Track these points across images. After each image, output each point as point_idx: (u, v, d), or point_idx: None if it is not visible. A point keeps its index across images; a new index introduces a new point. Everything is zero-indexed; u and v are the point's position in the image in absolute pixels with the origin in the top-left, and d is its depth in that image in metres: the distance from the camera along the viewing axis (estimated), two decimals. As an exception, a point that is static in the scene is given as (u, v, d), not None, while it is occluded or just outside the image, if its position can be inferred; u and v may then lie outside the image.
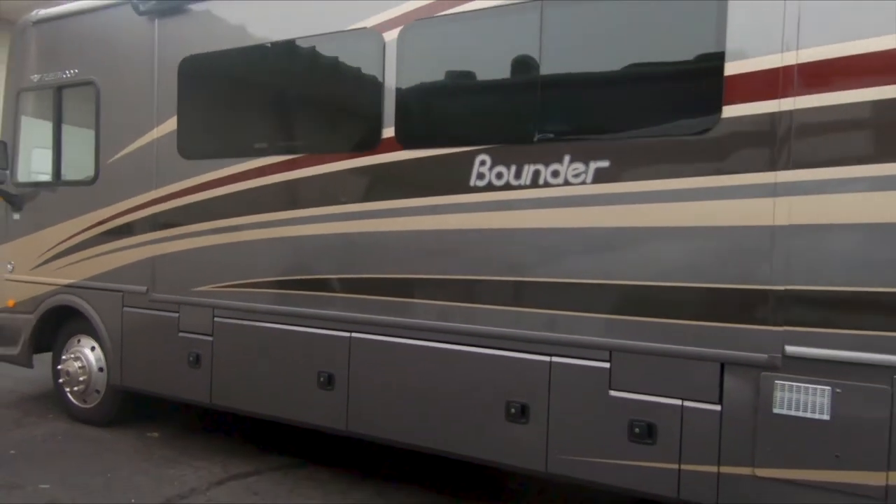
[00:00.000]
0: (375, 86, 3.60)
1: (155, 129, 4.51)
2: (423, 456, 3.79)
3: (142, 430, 5.07)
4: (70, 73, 4.99)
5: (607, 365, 3.03)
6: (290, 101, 4.04)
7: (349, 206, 3.70)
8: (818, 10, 2.59)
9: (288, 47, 3.92)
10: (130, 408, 5.14)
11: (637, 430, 2.95)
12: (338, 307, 3.77)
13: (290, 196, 3.92)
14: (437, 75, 3.53)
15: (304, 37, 3.86)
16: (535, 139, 3.17)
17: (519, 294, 3.23)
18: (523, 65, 3.21)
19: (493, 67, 3.38)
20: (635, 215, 2.94)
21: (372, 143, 3.61)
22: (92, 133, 4.87)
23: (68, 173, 5.17)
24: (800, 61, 2.61)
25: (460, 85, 3.49)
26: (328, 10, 3.77)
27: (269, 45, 4.00)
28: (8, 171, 5.26)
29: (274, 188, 3.97)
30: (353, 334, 3.73)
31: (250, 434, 4.90)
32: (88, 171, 4.92)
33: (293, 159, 3.90)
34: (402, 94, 3.52)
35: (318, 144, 3.87)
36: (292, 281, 3.93)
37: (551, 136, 3.14)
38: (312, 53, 3.87)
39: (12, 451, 4.54)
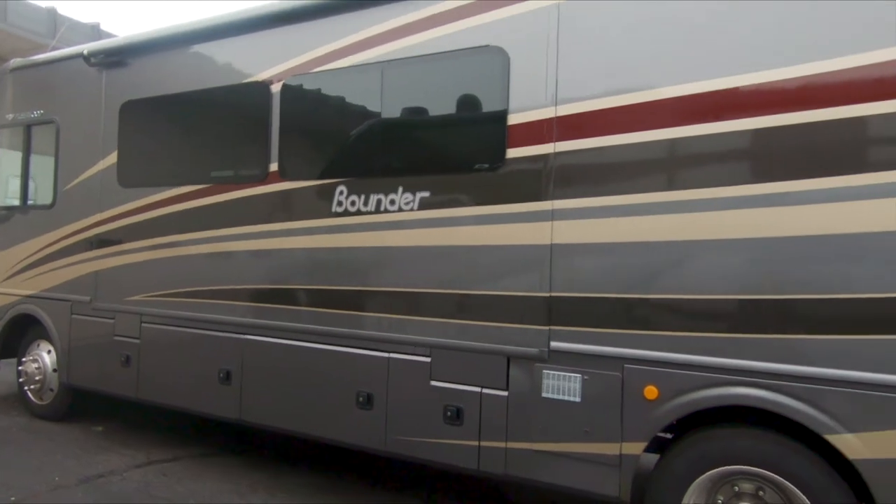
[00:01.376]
0: (265, 128, 4.33)
1: (101, 162, 5.29)
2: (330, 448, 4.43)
3: (89, 424, 5.76)
4: (37, 113, 5.82)
5: (429, 360, 3.67)
6: (201, 139, 4.79)
7: (245, 227, 4.41)
8: (569, 77, 3.27)
9: (201, 96, 4.70)
10: (81, 405, 5.85)
11: (449, 413, 3.57)
12: (234, 313, 4.46)
13: (201, 219, 4.64)
14: (307, 120, 4.27)
15: (213, 87, 4.63)
16: (378, 173, 3.88)
17: (365, 301, 3.89)
18: (368, 113, 3.94)
19: (347, 115, 4.11)
20: (449, 236, 3.60)
21: (262, 175, 4.34)
22: (52, 164, 5.70)
23: (34, 198, 5.98)
24: (558, 115, 3.29)
25: (324, 128, 4.23)
26: (231, 66, 4.55)
27: (186, 93, 4.78)
28: (-17, 198, 6.11)
29: (188, 213, 4.70)
30: (246, 336, 4.41)
31: (192, 428, 5.54)
32: (49, 197, 5.73)
33: (204, 188, 4.64)
34: (283, 135, 4.25)
35: (223, 176, 4.61)
36: (199, 291, 4.63)
37: (390, 171, 3.85)
38: (219, 101, 4.64)
39: (-31, 439, 5.27)
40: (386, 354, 3.83)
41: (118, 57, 5.17)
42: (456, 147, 3.71)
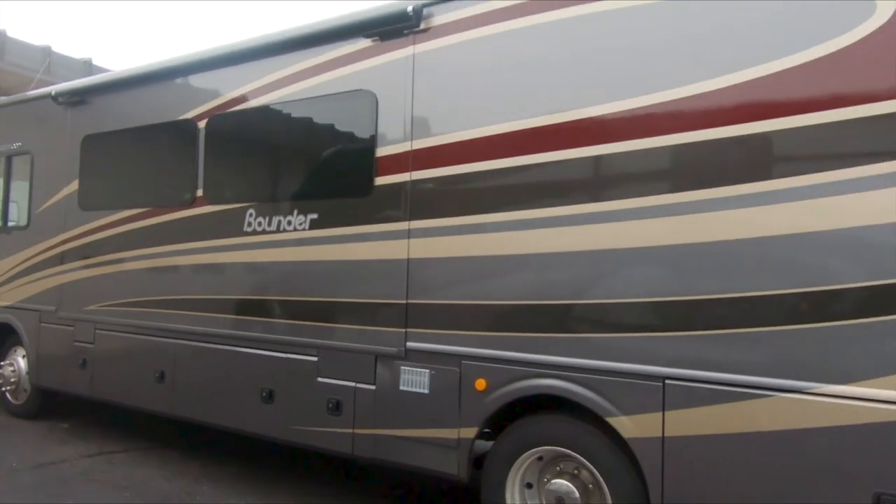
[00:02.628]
0: (193, 158, 4.98)
1: (66, 188, 5.99)
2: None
3: (58, 421, 6.42)
4: (16, 145, 6.57)
5: (316, 359, 4.23)
6: (142, 168, 5.47)
7: (176, 245, 5.04)
8: (421, 115, 3.85)
9: (144, 131, 5.38)
10: (51, 405, 6.51)
11: (331, 405, 4.12)
12: (167, 321, 5.07)
13: (143, 238, 5.28)
14: (225, 152, 4.90)
15: (154, 124, 5.30)
16: (278, 198, 4.48)
17: (266, 308, 4.49)
18: (271, 147, 4.56)
19: (255, 148, 4.75)
20: (331, 252, 4.18)
21: (191, 199, 4.97)
22: (28, 190, 6.42)
23: (15, 220, 6.71)
24: (413, 148, 3.86)
25: (237, 159, 4.86)
26: (168, 105, 5.22)
27: (133, 128, 5.46)
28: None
29: (133, 232, 5.35)
30: (176, 340, 5.02)
31: (146, 424, 6.14)
32: (25, 219, 6.45)
33: (146, 211, 5.29)
34: (206, 165, 4.89)
35: (160, 200, 5.25)
36: (141, 301, 5.26)
37: (287, 196, 4.45)
38: (158, 135, 5.31)
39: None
40: (284, 355, 4.40)
41: (79, 97, 5.89)
42: (337, 176, 4.31)
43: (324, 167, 4.41)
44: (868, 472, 2.58)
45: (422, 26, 3.88)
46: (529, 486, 3.56)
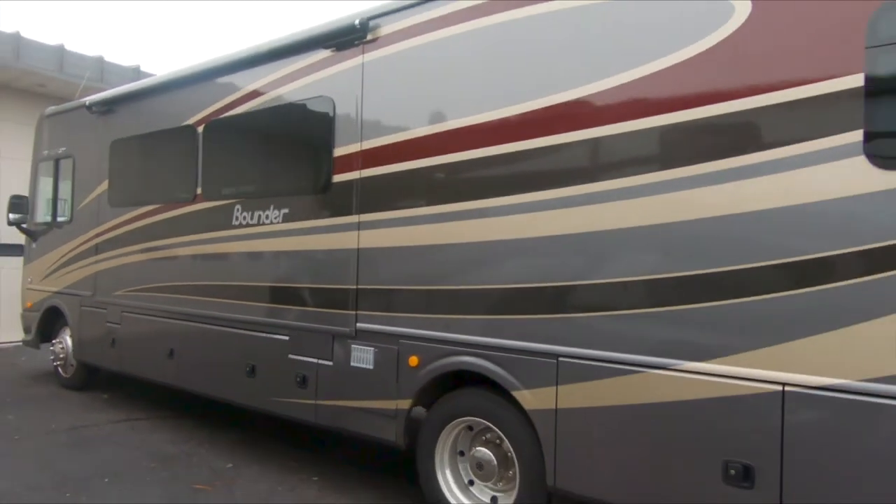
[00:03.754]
0: (194, 160, 5.59)
1: (99, 187, 6.78)
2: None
3: (100, 393, 7.30)
4: (62, 150, 7.45)
5: (287, 338, 4.74)
6: (156, 169, 6.14)
7: (182, 237, 5.68)
8: (369, 118, 4.25)
9: (155, 135, 6.06)
10: (95, 378, 7.39)
11: (299, 379, 4.62)
12: (176, 304, 5.73)
13: (156, 231, 5.97)
14: (218, 154, 5.47)
15: (161, 130, 5.96)
16: (258, 195, 5.01)
17: (249, 293, 5.03)
18: (250, 149, 5.09)
19: (239, 151, 5.28)
20: (299, 242, 4.67)
21: (193, 196, 5.59)
22: (70, 189, 7.29)
23: (62, 216, 7.62)
24: (363, 148, 4.27)
25: (228, 160, 5.41)
26: (175, 113, 5.85)
27: (148, 133, 6.15)
28: (28, 216, 7.82)
29: (149, 226, 6.05)
30: (182, 322, 5.67)
31: (172, 396, 6.90)
32: (69, 215, 7.32)
33: (158, 207, 5.97)
34: (204, 166, 5.49)
35: (169, 197, 5.90)
36: (156, 287, 5.95)
37: (265, 193, 4.97)
38: (168, 139, 5.96)
39: (9, 400, 6.89)
40: (263, 335, 4.94)
41: (107, 106, 6.65)
42: (304, 174, 4.78)
43: (294, 166, 4.90)
44: (718, 441, 2.81)
45: (369, 37, 4.28)
46: (462, 453, 3.94)
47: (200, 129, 5.53)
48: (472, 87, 3.77)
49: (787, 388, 2.62)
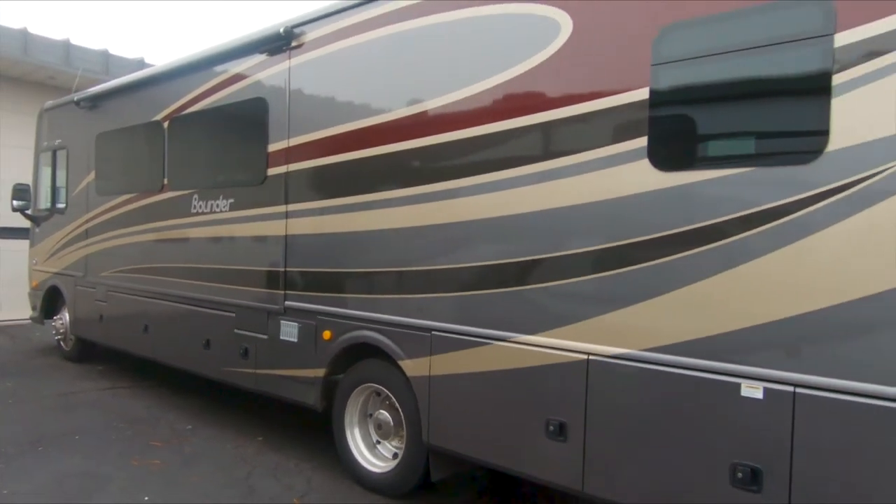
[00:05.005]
0: (161, 153, 6.16)
1: (88, 176, 7.44)
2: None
3: (96, 365, 8.04)
4: (58, 141, 8.13)
5: (234, 315, 5.31)
6: (131, 161, 6.75)
7: (151, 223, 6.29)
8: (295, 117, 4.72)
9: (131, 129, 6.65)
10: (92, 351, 8.14)
11: (241, 351, 5.19)
12: (148, 284, 6.36)
13: (131, 217, 6.59)
14: (180, 147, 6.03)
15: (137, 124, 6.55)
16: (210, 185, 5.55)
17: (202, 274, 5.60)
18: (203, 144, 5.63)
19: (195, 145, 5.82)
20: (242, 229, 5.21)
21: (160, 186, 6.18)
22: (65, 178, 7.98)
23: (57, 203, 8.33)
24: (290, 145, 4.76)
25: (187, 153, 5.96)
26: (147, 109, 6.42)
27: (125, 128, 6.75)
28: (31, 203, 8.57)
29: (126, 213, 6.68)
30: (154, 300, 6.30)
31: (158, 368, 7.58)
32: (64, 202, 8.01)
33: (134, 196, 6.58)
34: (169, 158, 6.06)
35: (144, 186, 6.50)
36: (133, 268, 6.59)
37: (216, 184, 5.51)
38: (139, 134, 6.55)
39: (12, 369, 7.68)
40: (216, 312, 5.52)
41: (92, 102, 7.28)
42: (246, 167, 5.29)
43: (238, 160, 5.44)
44: (543, 401, 3.26)
45: (294, 43, 4.74)
46: (370, 415, 4.46)
47: (166, 124, 6.10)
48: (375, 90, 4.21)
49: (591, 357, 3.06)
